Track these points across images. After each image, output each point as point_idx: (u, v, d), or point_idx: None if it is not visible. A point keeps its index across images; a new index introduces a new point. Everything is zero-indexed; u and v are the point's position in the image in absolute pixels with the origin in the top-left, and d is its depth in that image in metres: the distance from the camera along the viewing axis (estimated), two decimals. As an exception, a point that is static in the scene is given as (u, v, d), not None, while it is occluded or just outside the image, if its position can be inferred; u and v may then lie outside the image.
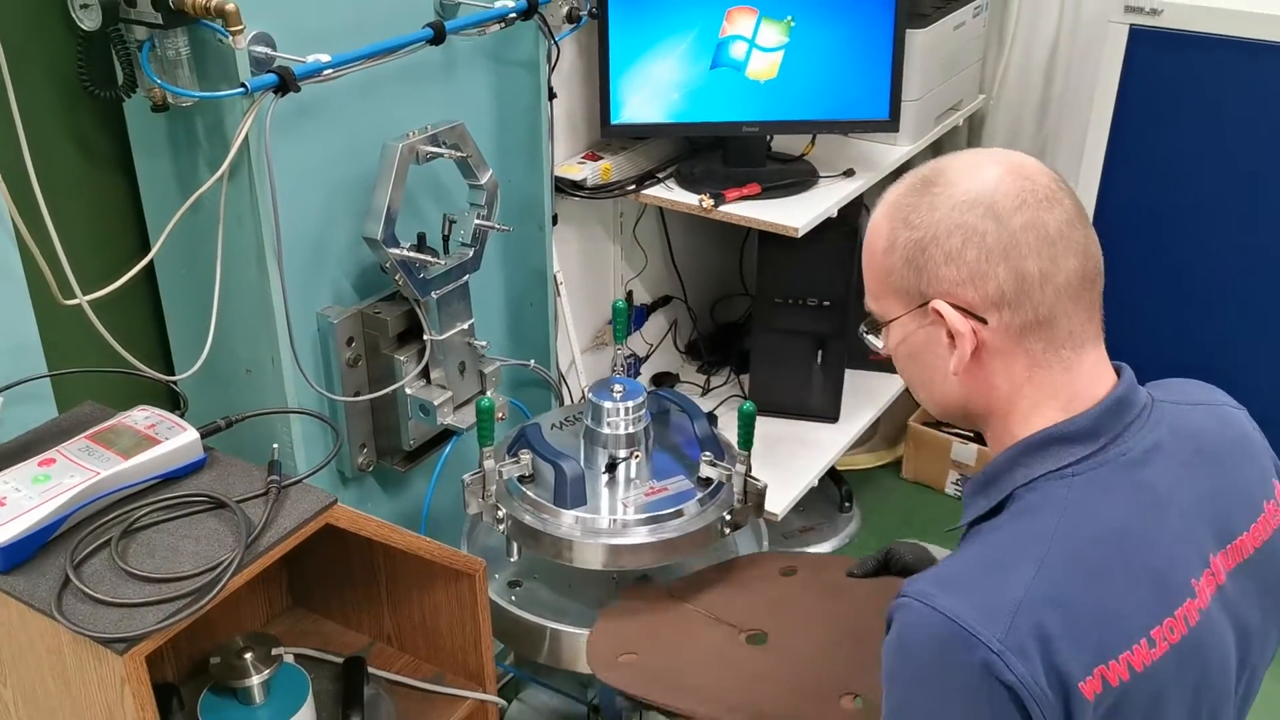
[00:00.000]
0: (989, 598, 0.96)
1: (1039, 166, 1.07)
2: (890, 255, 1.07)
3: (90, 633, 1.05)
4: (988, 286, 1.02)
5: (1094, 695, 0.96)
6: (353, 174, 1.67)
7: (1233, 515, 1.09)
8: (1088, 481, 1.03)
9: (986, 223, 1.01)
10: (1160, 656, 0.99)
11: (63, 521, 1.16)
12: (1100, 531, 1.01)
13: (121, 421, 1.28)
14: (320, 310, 1.71)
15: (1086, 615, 0.97)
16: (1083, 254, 1.04)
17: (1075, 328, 1.05)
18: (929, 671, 0.98)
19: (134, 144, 1.56)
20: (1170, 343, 2.38)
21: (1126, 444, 1.05)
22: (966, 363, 1.05)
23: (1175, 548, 1.03)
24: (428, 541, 1.42)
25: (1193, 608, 1.01)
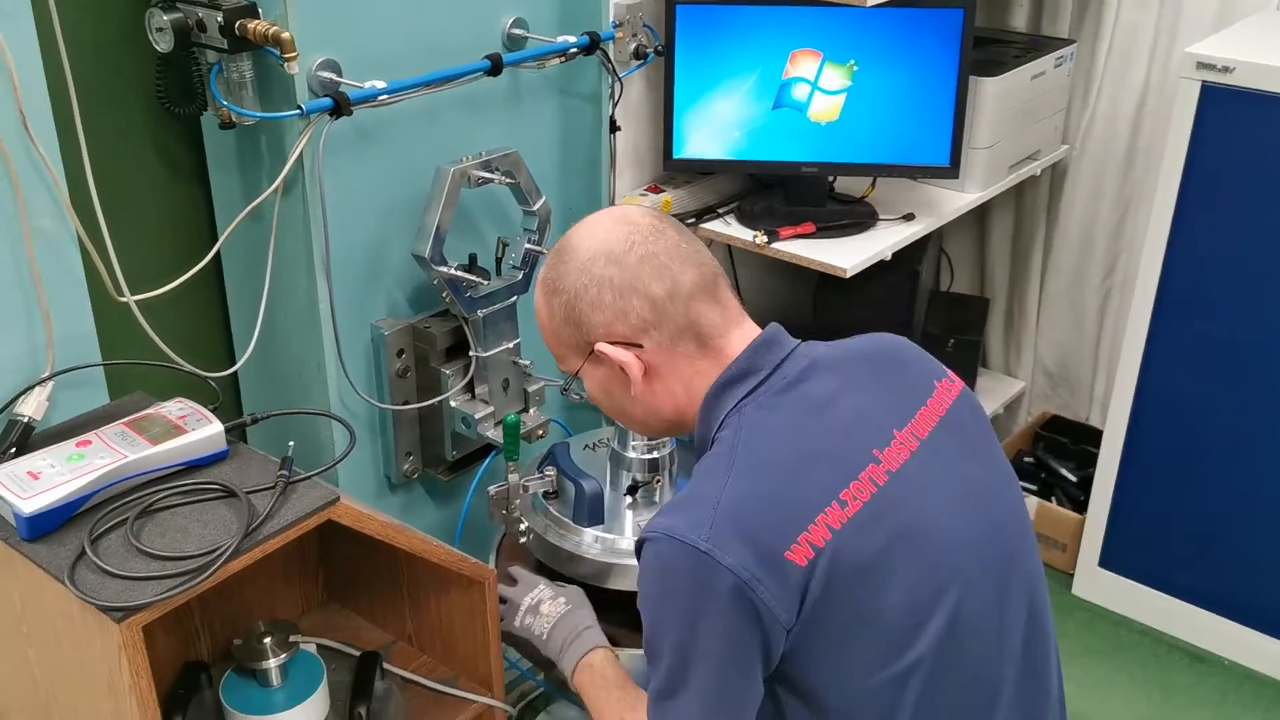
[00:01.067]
0: (694, 511, 1.15)
1: (640, 212, 1.30)
2: (553, 320, 1.30)
3: (94, 601, 1.14)
4: (630, 318, 1.24)
5: (806, 560, 1.11)
6: (411, 194, 1.76)
7: (906, 396, 1.27)
8: (756, 405, 1.22)
9: (610, 269, 1.24)
10: (856, 511, 1.15)
11: (89, 498, 1.27)
12: (773, 435, 1.20)
13: (157, 411, 1.39)
14: (374, 321, 1.80)
15: (775, 500, 1.15)
16: (696, 263, 1.26)
17: (715, 319, 1.26)
18: (663, 583, 1.16)
19: (209, 158, 1.68)
20: (1237, 403, 2.32)
21: (784, 370, 1.25)
22: (642, 383, 1.27)
23: (848, 430, 1.21)
24: (435, 545, 1.49)
25: (878, 471, 1.18)
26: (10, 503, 1.23)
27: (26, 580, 1.25)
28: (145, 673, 1.17)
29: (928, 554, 1.18)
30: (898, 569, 1.16)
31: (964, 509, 1.23)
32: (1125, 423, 2.47)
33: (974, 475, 1.27)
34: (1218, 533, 2.44)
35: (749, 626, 1.12)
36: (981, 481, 1.28)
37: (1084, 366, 2.92)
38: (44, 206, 1.39)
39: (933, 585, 1.18)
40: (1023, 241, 2.88)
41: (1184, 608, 2.53)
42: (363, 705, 1.54)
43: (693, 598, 1.13)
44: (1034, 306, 2.92)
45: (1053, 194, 2.79)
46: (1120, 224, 2.72)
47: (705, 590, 1.12)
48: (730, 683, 1.16)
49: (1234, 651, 2.50)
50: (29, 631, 1.31)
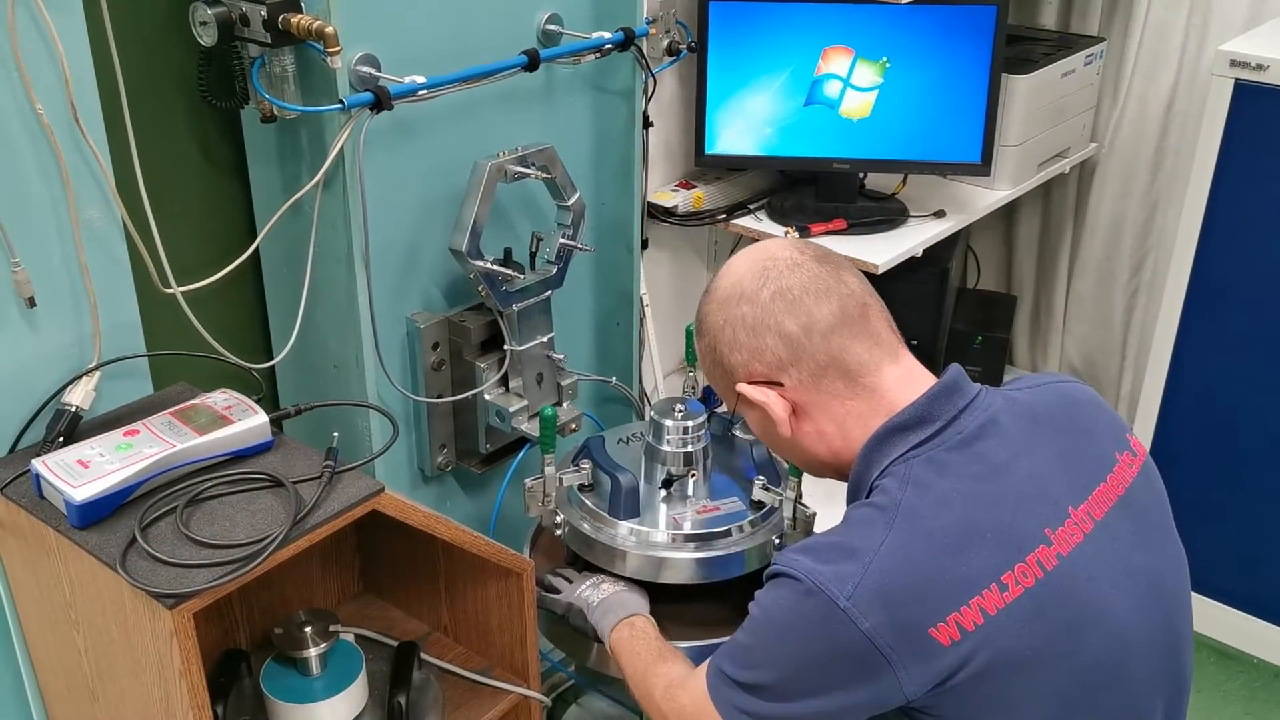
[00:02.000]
0: (842, 562, 1.08)
1: (786, 244, 1.24)
2: (704, 361, 1.28)
3: (146, 587, 1.16)
4: (766, 356, 1.19)
5: (950, 641, 1.04)
6: (448, 189, 1.77)
7: (1087, 469, 1.18)
8: (927, 460, 1.14)
9: (742, 307, 1.20)
10: (1015, 599, 1.07)
11: (137, 487, 1.28)
12: (941, 500, 1.11)
13: (203, 401, 1.41)
14: (410, 315, 1.81)
15: (931, 571, 1.07)
16: (837, 297, 1.18)
17: (863, 356, 1.18)
18: (789, 622, 1.11)
19: (249, 151, 1.70)
20: (1267, 402, 2.32)
21: (961, 424, 1.16)
22: (791, 422, 1.21)
23: (1022, 504, 1.12)
24: (474, 536, 1.50)
25: (1048, 554, 1.10)
26: (61, 490, 1.24)
27: (76, 567, 1.27)
28: (196, 659, 1.19)
29: (1089, 651, 1.10)
30: (1053, 664, 1.09)
31: (1134, 601, 1.14)
32: (1155, 419, 2.46)
33: (1147, 564, 1.18)
34: (1247, 531, 2.44)
35: (862, 690, 1.08)
36: (1154, 570, 1.19)
37: (1111, 365, 2.92)
38: (92, 197, 1.40)
39: (1087, 684, 1.11)
40: (1050, 239, 2.88)
41: (1212, 606, 2.52)
42: (401, 695, 1.56)
43: (815, 651, 1.09)
44: (1061, 304, 2.92)
45: (1081, 192, 2.79)
46: (1148, 223, 2.72)
47: (832, 648, 1.07)
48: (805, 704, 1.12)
49: (1263, 650, 2.49)
50: (77, 617, 1.32)
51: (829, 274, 1.19)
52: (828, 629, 1.07)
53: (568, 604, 1.60)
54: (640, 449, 1.84)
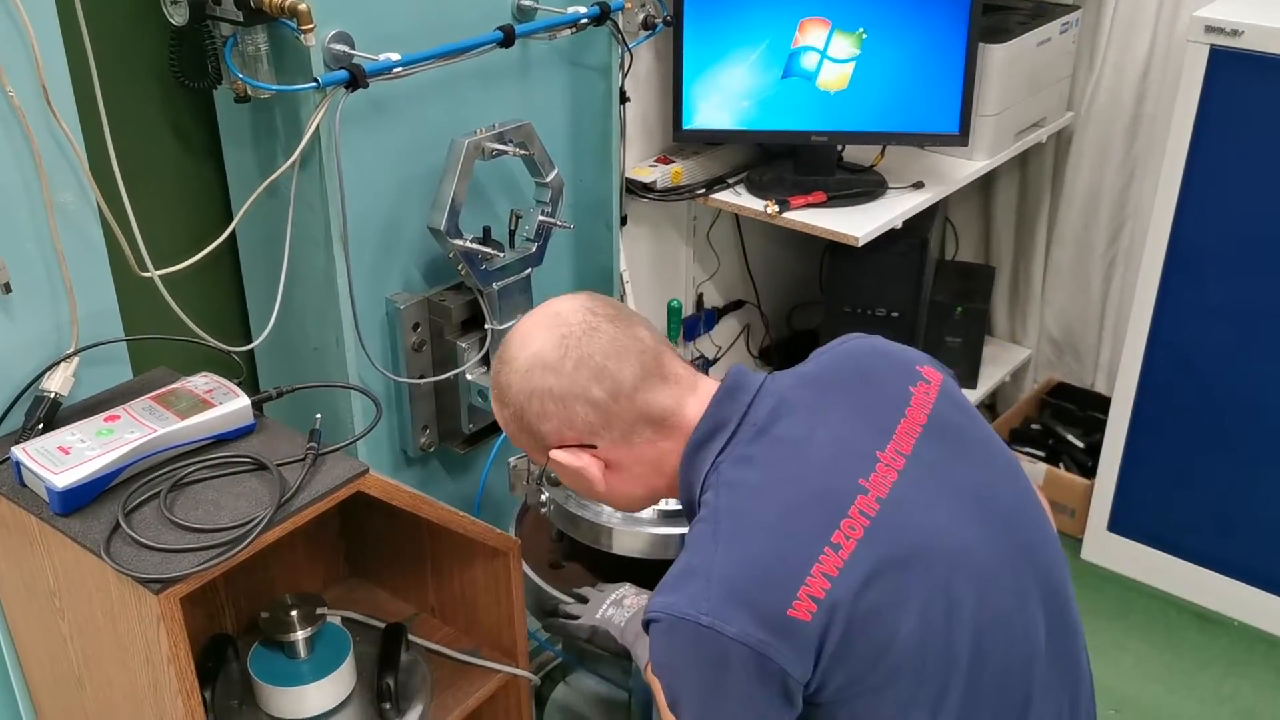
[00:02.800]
0: (689, 586, 1.11)
1: (574, 304, 1.25)
2: (509, 428, 1.28)
3: (132, 573, 1.15)
4: (577, 424, 1.21)
5: (810, 615, 1.08)
6: (425, 167, 1.76)
7: (882, 414, 1.22)
8: (731, 462, 1.18)
9: (548, 379, 1.20)
10: (851, 553, 1.11)
11: (119, 473, 1.27)
12: (753, 493, 1.16)
13: (184, 385, 1.39)
14: (389, 295, 1.80)
15: (766, 560, 1.11)
16: (635, 354, 1.21)
17: (666, 402, 1.22)
18: (673, 660, 1.13)
19: (223, 132, 1.68)
20: (1246, 367, 2.34)
21: (752, 417, 1.20)
22: (607, 476, 1.25)
23: (830, 467, 1.16)
24: (460, 516, 1.50)
25: (867, 501, 1.14)
26: (43, 477, 1.23)
27: (60, 554, 1.26)
28: (183, 643, 1.18)
29: (935, 574, 1.14)
30: (907, 599, 1.12)
31: (963, 516, 1.18)
32: (1134, 387, 2.48)
33: (968, 478, 1.23)
34: (1227, 495, 2.46)
35: (766, 690, 1.10)
36: (977, 482, 1.23)
37: (1089, 333, 2.93)
38: (66, 181, 1.38)
39: (945, 605, 1.14)
40: (1028, 210, 2.89)
41: (1193, 570, 2.55)
42: (390, 676, 1.55)
43: (705, 673, 1.11)
44: (1039, 274, 2.93)
45: (1058, 162, 2.80)
46: (1125, 191, 2.73)
47: (716, 664, 1.09)
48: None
49: (1243, 613, 2.52)
50: (62, 605, 1.31)
51: (623, 333, 1.22)
52: (703, 651, 1.10)
53: (590, 628, 1.58)
54: None
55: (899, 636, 1.11)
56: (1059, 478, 2.76)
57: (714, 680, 1.11)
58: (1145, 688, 2.38)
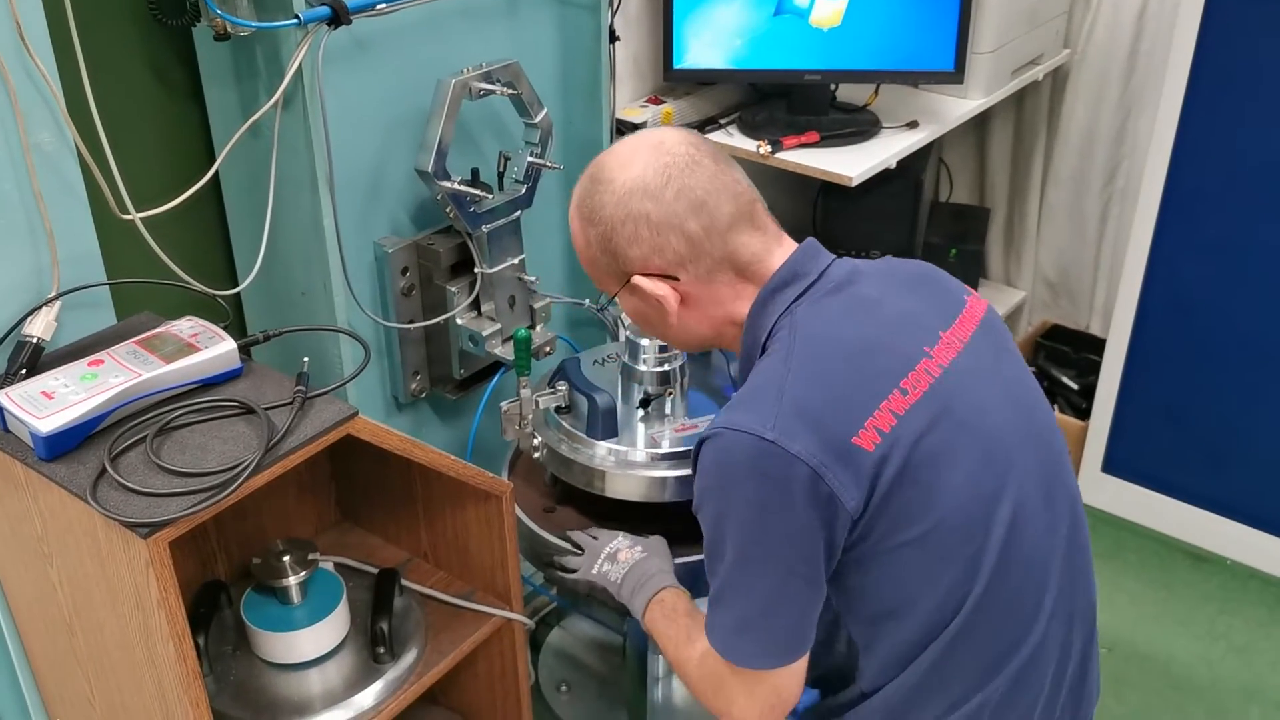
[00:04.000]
0: (757, 404, 1.15)
1: (677, 136, 1.26)
2: (590, 249, 1.29)
3: (119, 518, 1.14)
4: (667, 253, 1.23)
5: (874, 445, 1.12)
6: (412, 109, 1.73)
7: (944, 305, 1.29)
8: (809, 305, 1.23)
9: (646, 204, 1.21)
10: (918, 399, 1.16)
11: (105, 417, 1.25)
12: (830, 326, 1.21)
13: (169, 329, 1.37)
14: (377, 240, 1.78)
15: (839, 386, 1.16)
16: (733, 195, 1.24)
17: (755, 248, 1.25)
18: (727, 476, 1.15)
19: (203, 72, 1.64)
20: (1241, 306, 2.33)
21: (830, 275, 1.25)
22: (679, 311, 1.27)
23: (899, 326, 1.23)
24: (451, 460, 1.48)
25: (931, 365, 1.20)
26: (27, 422, 1.21)
27: (46, 500, 1.24)
28: (173, 588, 1.17)
29: (985, 444, 1.19)
30: (960, 457, 1.16)
31: (1010, 406, 1.25)
32: (1129, 327, 2.47)
33: (1014, 377, 1.29)
34: (1220, 434, 2.46)
35: (818, 518, 1.12)
36: (1022, 384, 1.30)
37: (1084, 275, 2.91)
38: (43, 121, 1.35)
39: (993, 475, 1.19)
40: (1023, 150, 2.86)
41: (1186, 510, 2.55)
42: (383, 620, 1.55)
43: (760, 489, 1.13)
44: (1034, 216, 2.91)
45: (1053, 100, 2.76)
46: (1121, 130, 2.70)
47: (773, 481, 1.11)
48: (794, 583, 1.17)
49: (1236, 551, 2.53)
50: (50, 551, 1.30)
51: (724, 173, 1.25)
52: (762, 466, 1.12)
53: (589, 583, 1.58)
54: (616, 370, 1.83)
55: (950, 487, 1.15)
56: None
57: (768, 500, 1.13)
58: (1139, 627, 2.39)
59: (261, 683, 1.53)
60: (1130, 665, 2.31)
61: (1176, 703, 2.22)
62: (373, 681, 1.52)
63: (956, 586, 1.18)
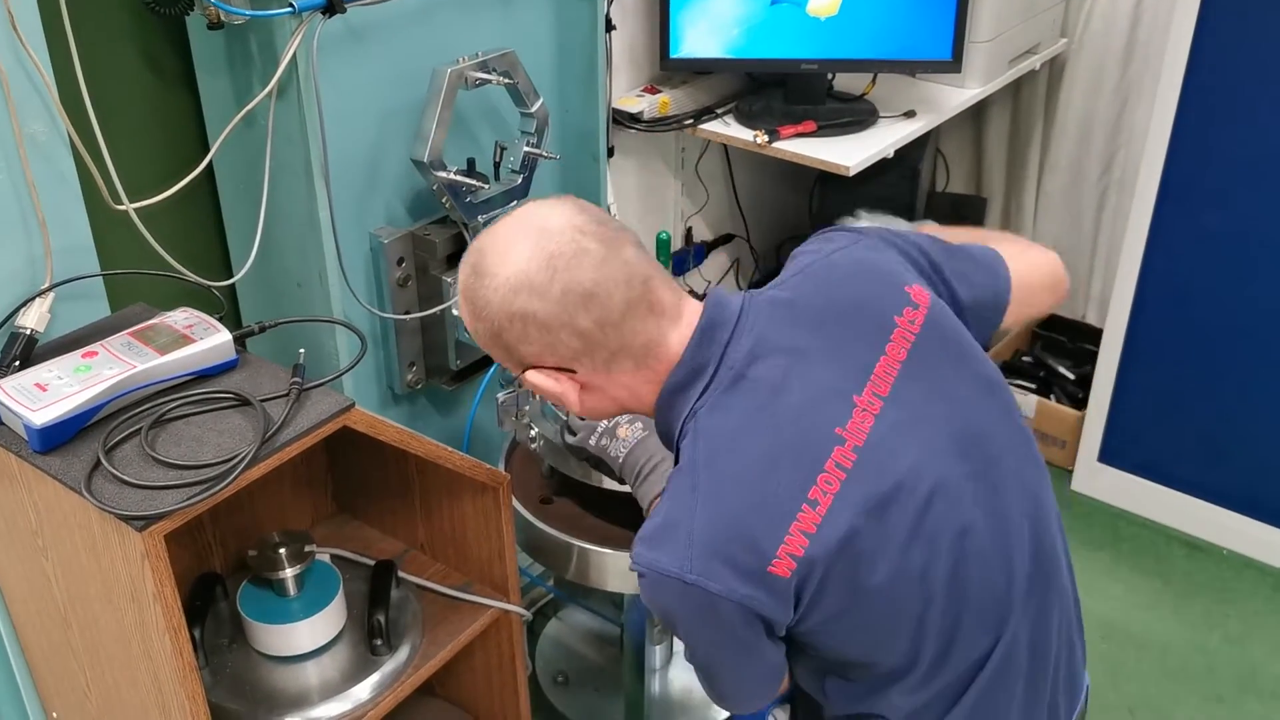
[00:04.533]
0: (671, 543, 1.12)
1: (561, 217, 1.15)
2: (480, 338, 1.20)
3: (115, 510, 1.13)
4: (559, 350, 1.15)
5: (790, 571, 1.10)
6: (408, 99, 1.71)
7: (862, 351, 1.18)
8: (709, 409, 1.16)
9: (532, 303, 1.12)
10: (829, 508, 1.11)
11: (99, 409, 1.24)
12: (730, 445, 1.14)
13: (163, 321, 1.36)
14: (373, 230, 1.77)
15: (745, 519, 1.11)
16: (624, 281, 1.13)
17: (650, 333, 1.16)
18: (665, 612, 1.15)
19: (196, 61, 1.63)
20: (1238, 295, 2.32)
21: (729, 359, 1.16)
22: (580, 396, 1.20)
23: (805, 416, 1.14)
24: (448, 451, 1.48)
25: (843, 452, 1.13)
26: (21, 415, 1.20)
27: (40, 493, 1.24)
28: (169, 580, 1.16)
29: (909, 515, 1.14)
30: (883, 545, 1.13)
31: (941, 451, 1.17)
32: (1126, 317, 2.46)
33: (948, 412, 1.20)
34: (1217, 424, 2.46)
35: (753, 630, 1.14)
36: (957, 415, 1.20)
37: (1081, 264, 2.91)
38: (35, 110, 1.34)
39: (921, 543, 1.14)
40: (1020, 139, 2.85)
41: (1182, 499, 2.56)
42: (381, 613, 1.54)
43: (696, 618, 1.14)
44: (1031, 205, 2.90)
45: (1050, 90, 2.76)
46: (1119, 119, 2.69)
47: (704, 613, 1.12)
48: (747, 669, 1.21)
49: (1233, 541, 2.53)
50: (45, 545, 1.29)
51: (612, 255, 1.14)
52: (691, 602, 1.12)
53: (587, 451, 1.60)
54: None
55: (875, 579, 1.13)
56: (1050, 409, 2.76)
57: (704, 623, 1.14)
58: (1134, 616, 2.40)
59: (258, 675, 1.52)
60: (1126, 654, 2.31)
61: (1172, 692, 2.23)
62: (370, 674, 1.52)
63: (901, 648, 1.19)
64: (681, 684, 2.07)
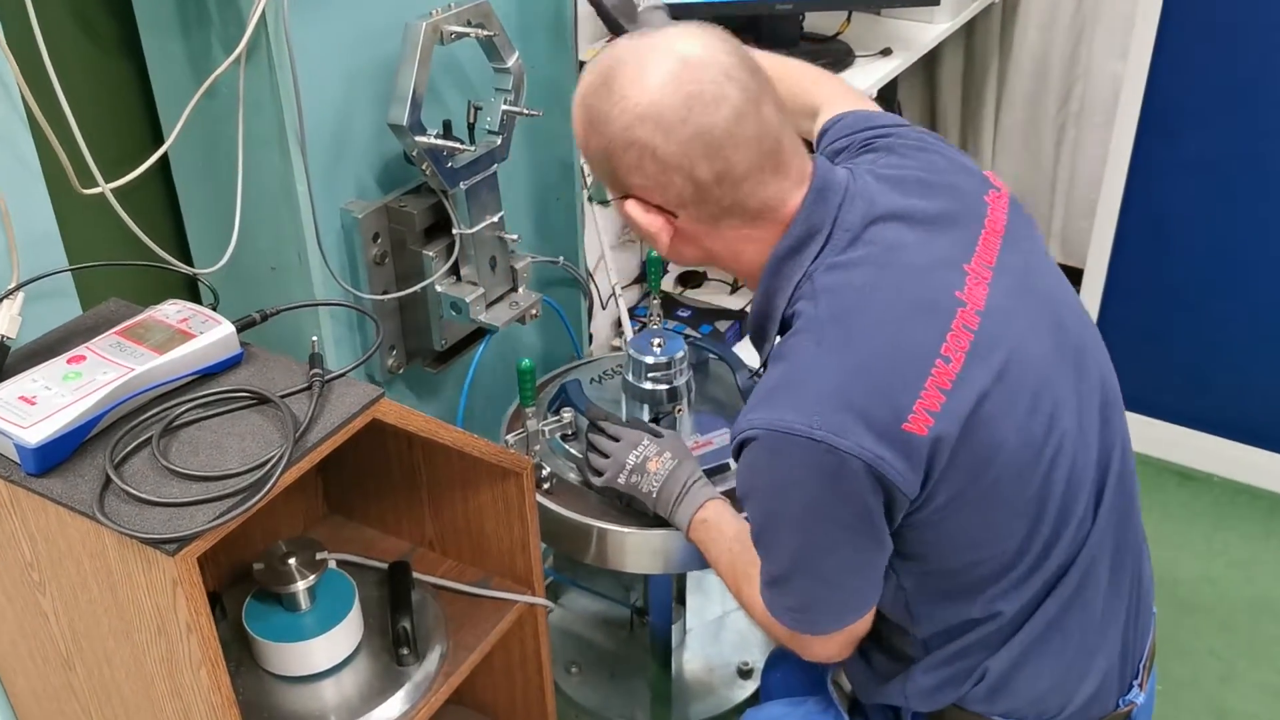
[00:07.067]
0: (796, 396, 1.04)
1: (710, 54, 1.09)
2: (588, 151, 1.15)
3: (138, 534, 0.98)
4: (669, 192, 1.09)
5: (926, 429, 1.03)
6: (374, 58, 1.57)
7: (965, 221, 1.16)
8: (827, 269, 1.11)
9: (655, 137, 1.06)
10: (961, 367, 1.06)
11: (98, 420, 1.09)
12: (857, 296, 1.08)
13: (153, 316, 1.21)
14: (344, 205, 1.62)
15: (880, 368, 1.04)
16: (756, 138, 1.08)
17: (769, 194, 1.11)
18: (776, 479, 1.06)
19: (140, 23, 1.46)
20: (1220, 223, 2.31)
21: (844, 220, 1.12)
22: (674, 240, 1.14)
23: (925, 278, 1.10)
24: (476, 439, 1.35)
25: (967, 314, 1.09)
26: (10, 434, 1.04)
27: (39, 521, 1.08)
28: (204, 609, 1.03)
29: (1030, 387, 1.10)
30: (1010, 411, 1.08)
31: (1044, 330, 1.15)
32: (1108, 250, 2.43)
33: (1046, 292, 1.19)
34: (1202, 352, 2.45)
35: (877, 501, 1.05)
36: (1049, 291, 1.20)
37: (1042, 201, 2.88)
38: (-14, 89, 1.17)
39: (1042, 417, 1.11)
40: (974, 79, 2.80)
41: (1171, 429, 2.55)
42: (405, 619, 1.41)
43: (814, 488, 1.04)
44: (989, 141, 2.86)
45: (1005, 25, 2.71)
46: (1074, 52, 2.65)
47: (827, 478, 1.03)
48: (861, 554, 1.10)
49: (1223, 468, 2.54)
50: (43, 579, 1.13)
51: (751, 109, 1.07)
52: (814, 466, 1.03)
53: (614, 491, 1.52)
54: (617, 385, 1.72)
55: (1003, 447, 1.07)
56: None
57: (822, 496, 1.04)
58: (1135, 551, 2.39)
59: (274, 700, 1.38)
60: (1133, 591, 2.29)
61: (1190, 625, 2.22)
62: (399, 686, 1.39)
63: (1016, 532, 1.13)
64: (701, 662, 1.98)
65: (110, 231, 1.30)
